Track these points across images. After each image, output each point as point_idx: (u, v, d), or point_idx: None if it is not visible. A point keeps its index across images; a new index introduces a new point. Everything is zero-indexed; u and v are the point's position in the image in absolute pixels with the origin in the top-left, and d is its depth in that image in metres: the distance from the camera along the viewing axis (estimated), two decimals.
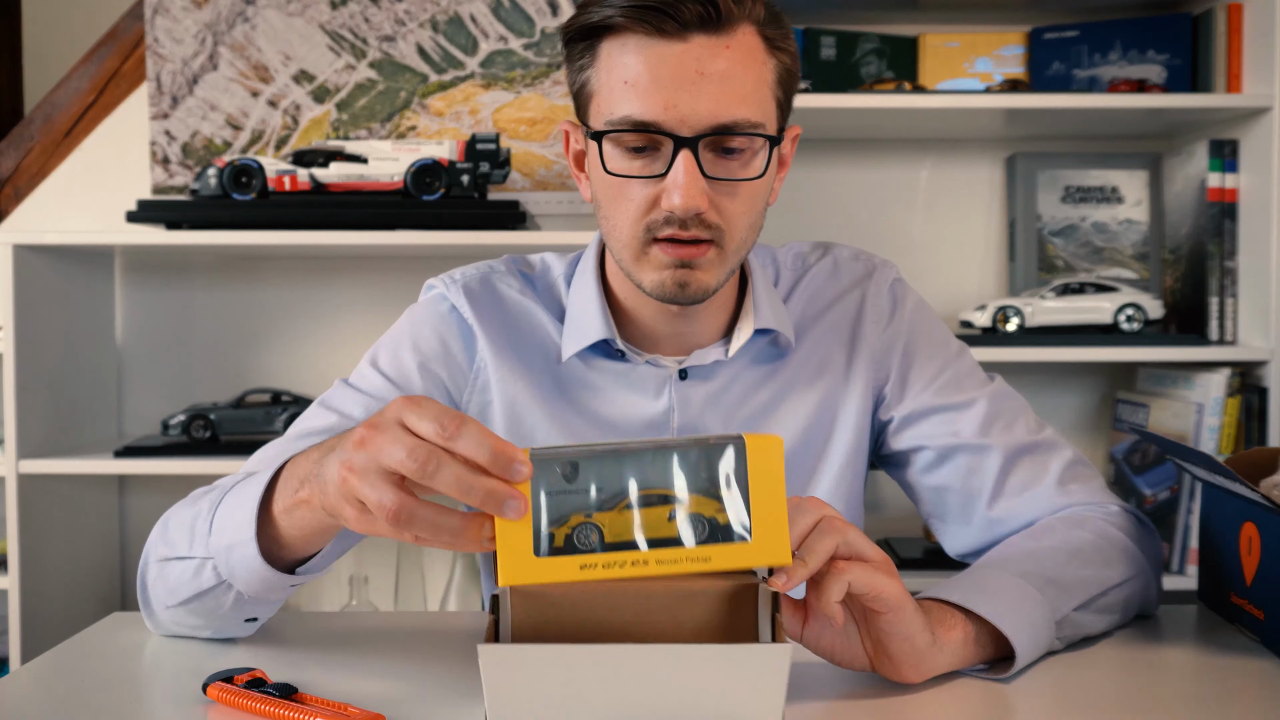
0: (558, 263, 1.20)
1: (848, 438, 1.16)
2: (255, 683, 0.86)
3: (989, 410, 1.14)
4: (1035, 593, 0.94)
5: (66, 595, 2.09)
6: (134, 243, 2.03)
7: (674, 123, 0.99)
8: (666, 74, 0.98)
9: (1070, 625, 0.97)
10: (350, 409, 1.12)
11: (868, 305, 1.19)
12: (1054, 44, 2.27)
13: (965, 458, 1.13)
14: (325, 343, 2.31)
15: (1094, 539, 1.04)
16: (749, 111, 1.00)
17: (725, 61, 0.99)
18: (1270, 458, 1.11)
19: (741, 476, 0.73)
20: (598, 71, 1.03)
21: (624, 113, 1.00)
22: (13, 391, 1.95)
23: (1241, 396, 2.03)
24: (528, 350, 1.15)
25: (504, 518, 0.72)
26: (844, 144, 2.32)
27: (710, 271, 1.04)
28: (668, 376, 1.14)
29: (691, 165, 0.99)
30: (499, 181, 2.06)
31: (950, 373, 1.17)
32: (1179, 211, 2.20)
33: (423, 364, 1.14)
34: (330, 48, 2.28)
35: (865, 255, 1.23)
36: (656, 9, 0.97)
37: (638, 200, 1.02)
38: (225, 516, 0.92)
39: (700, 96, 0.98)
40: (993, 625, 0.90)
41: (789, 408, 1.15)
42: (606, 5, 1.00)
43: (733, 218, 1.03)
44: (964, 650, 0.90)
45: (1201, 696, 0.91)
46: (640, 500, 0.73)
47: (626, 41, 1.00)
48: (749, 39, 1.01)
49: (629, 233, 1.04)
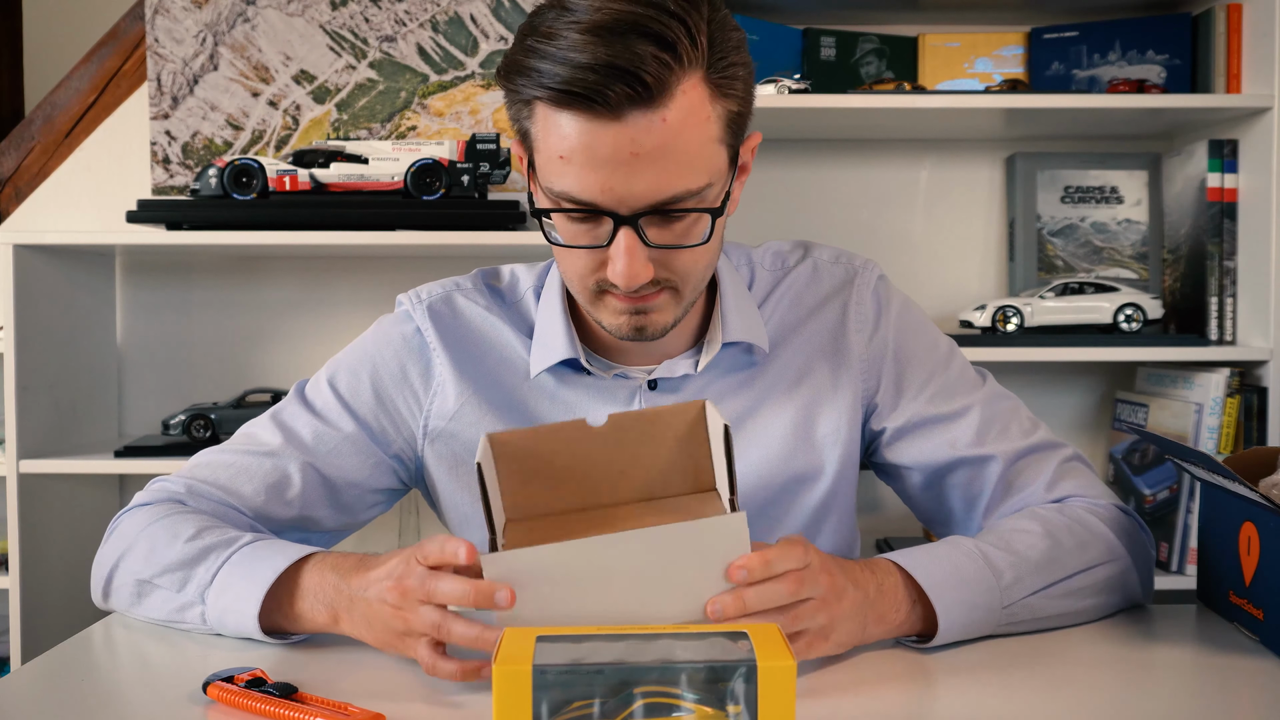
0: (527, 275, 1.19)
1: (839, 454, 1.14)
2: (255, 682, 0.86)
3: (984, 416, 1.14)
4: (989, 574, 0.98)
5: (66, 595, 2.09)
6: (134, 243, 2.03)
7: (611, 203, 0.96)
8: (601, 155, 0.94)
9: (1026, 609, 1.00)
10: (300, 428, 1.14)
11: (851, 312, 1.16)
12: (1054, 44, 2.27)
13: (964, 469, 1.13)
14: (325, 343, 2.31)
15: (1068, 523, 1.05)
16: (689, 181, 0.96)
17: (661, 135, 0.93)
18: (1270, 457, 1.11)
19: (751, 700, 0.72)
20: (535, 128, 0.98)
21: (562, 188, 0.97)
22: (13, 391, 1.95)
23: (1241, 396, 2.03)
24: (493, 368, 1.15)
25: None
26: (844, 144, 2.32)
27: (666, 312, 1.04)
28: (637, 387, 1.13)
29: (633, 242, 0.97)
30: (499, 182, 2.07)
31: (942, 379, 1.16)
32: (1178, 211, 2.20)
33: (377, 386, 1.15)
34: (330, 48, 2.28)
35: (846, 257, 1.20)
36: (582, 95, 0.92)
37: (585, 261, 1.01)
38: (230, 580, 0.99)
39: (636, 178, 0.94)
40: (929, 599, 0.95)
41: (766, 417, 1.14)
42: (534, 82, 0.94)
43: (683, 271, 1.02)
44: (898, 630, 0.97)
45: (1201, 696, 0.91)
46: (644, 710, 0.71)
47: (560, 115, 0.95)
48: (689, 97, 0.94)
49: (580, 285, 1.04)
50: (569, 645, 0.73)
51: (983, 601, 0.97)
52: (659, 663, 0.71)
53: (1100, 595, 1.05)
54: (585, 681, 0.70)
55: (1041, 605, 1.01)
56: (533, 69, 0.95)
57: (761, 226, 2.18)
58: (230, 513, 1.10)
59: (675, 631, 0.75)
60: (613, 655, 0.72)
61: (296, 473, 1.12)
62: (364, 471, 1.14)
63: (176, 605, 1.02)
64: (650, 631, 0.75)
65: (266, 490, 1.11)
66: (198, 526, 1.04)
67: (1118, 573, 1.06)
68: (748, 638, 0.73)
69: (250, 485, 1.11)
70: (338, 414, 1.14)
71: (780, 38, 2.24)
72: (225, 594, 0.99)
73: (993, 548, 1.01)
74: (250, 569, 0.99)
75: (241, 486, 1.11)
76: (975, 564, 0.99)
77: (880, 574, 0.96)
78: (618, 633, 0.75)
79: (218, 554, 1.01)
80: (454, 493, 1.16)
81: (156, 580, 1.02)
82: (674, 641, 0.73)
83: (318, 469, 1.12)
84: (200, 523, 1.05)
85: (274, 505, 1.11)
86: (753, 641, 0.73)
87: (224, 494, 1.10)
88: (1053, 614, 1.02)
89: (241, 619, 0.98)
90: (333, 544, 1.17)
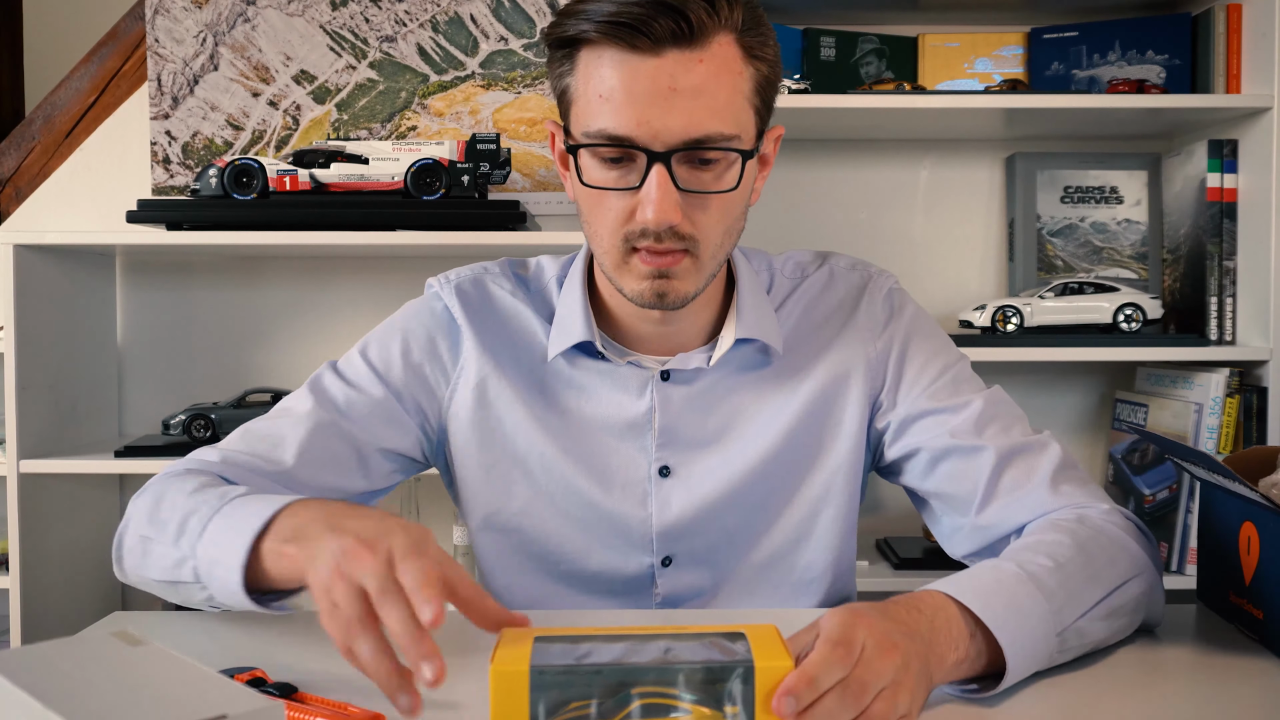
0: (551, 265, 1.23)
1: (841, 448, 1.16)
2: (255, 682, 0.86)
3: (984, 411, 1.13)
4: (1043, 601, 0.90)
5: (66, 595, 2.09)
6: (134, 243, 2.03)
7: (646, 138, 1.00)
8: (639, 89, 0.99)
9: (1076, 635, 0.92)
10: (335, 395, 1.16)
11: (862, 314, 1.19)
12: (1053, 44, 2.27)
13: (960, 458, 1.12)
14: (325, 343, 2.31)
15: (1093, 534, 1.01)
16: (722, 125, 1.01)
17: (698, 76, 0.99)
18: (1269, 457, 1.11)
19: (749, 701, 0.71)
20: (576, 79, 1.04)
21: (599, 126, 1.01)
22: (13, 391, 1.95)
23: (1240, 396, 2.03)
24: (515, 350, 1.18)
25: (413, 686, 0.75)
26: (844, 144, 2.32)
27: (687, 280, 1.07)
28: (650, 377, 1.15)
29: (664, 180, 1.00)
30: (499, 182, 2.07)
31: (947, 378, 1.16)
32: (1178, 211, 2.20)
33: (407, 356, 1.18)
34: (331, 48, 2.28)
35: (862, 265, 1.23)
36: (629, 25, 0.98)
37: (615, 210, 1.04)
38: (219, 530, 0.94)
39: (672, 112, 0.99)
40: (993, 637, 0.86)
41: (773, 413, 1.15)
42: (582, 18, 1.01)
43: (706, 228, 1.05)
44: (956, 671, 0.86)
45: (1200, 696, 0.91)
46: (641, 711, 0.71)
47: (602, 54, 1.01)
48: (725, 49, 1.01)
49: (609, 241, 1.06)
50: (567, 646, 0.73)
51: (1041, 631, 0.89)
52: (657, 663, 0.71)
53: (1134, 613, 1.00)
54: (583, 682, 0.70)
55: (1089, 629, 0.94)
56: (581, 10, 1.01)
57: (761, 226, 2.18)
58: (264, 481, 1.10)
59: (673, 632, 0.75)
60: (610, 656, 0.71)
61: (330, 438, 1.14)
62: (392, 438, 1.17)
63: (173, 560, 0.98)
64: (648, 632, 0.75)
65: (299, 455, 1.12)
66: (200, 482, 1.03)
67: (1146, 588, 1.01)
68: (745, 638, 0.73)
69: (285, 451, 1.12)
70: (369, 381, 1.17)
71: (780, 38, 2.23)
72: (214, 545, 0.94)
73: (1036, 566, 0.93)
74: (237, 520, 0.93)
75: (276, 452, 1.12)
76: (1026, 588, 0.90)
77: (929, 610, 0.86)
78: (616, 634, 0.75)
79: (211, 506, 0.97)
80: (469, 465, 1.18)
81: (157, 536, 1.01)
82: (672, 642, 0.73)
83: (351, 434, 1.15)
84: (205, 480, 1.04)
85: (307, 469, 1.12)
86: (750, 642, 0.73)
87: (259, 460, 1.11)
88: (1098, 638, 0.95)
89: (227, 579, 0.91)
90: None
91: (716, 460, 1.15)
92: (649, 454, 1.15)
